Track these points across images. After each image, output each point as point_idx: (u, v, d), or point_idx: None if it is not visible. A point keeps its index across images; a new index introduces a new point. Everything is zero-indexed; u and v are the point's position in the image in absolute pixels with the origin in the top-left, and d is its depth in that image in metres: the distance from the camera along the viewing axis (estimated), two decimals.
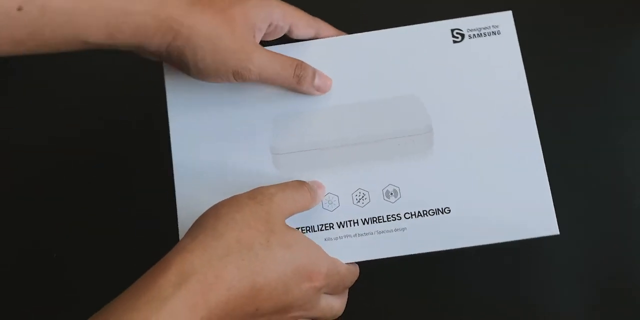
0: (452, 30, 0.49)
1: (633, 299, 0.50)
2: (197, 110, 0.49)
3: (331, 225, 0.46)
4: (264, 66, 0.45)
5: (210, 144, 0.49)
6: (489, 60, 0.48)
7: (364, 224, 0.46)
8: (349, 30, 0.51)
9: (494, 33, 0.49)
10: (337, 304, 0.44)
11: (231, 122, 0.49)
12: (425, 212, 0.46)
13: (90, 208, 0.54)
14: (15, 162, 0.56)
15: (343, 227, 0.46)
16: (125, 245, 0.53)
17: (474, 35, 0.49)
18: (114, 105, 0.57)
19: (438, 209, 0.46)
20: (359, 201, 0.47)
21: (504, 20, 0.49)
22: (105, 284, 0.46)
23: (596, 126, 0.53)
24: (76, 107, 0.57)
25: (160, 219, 0.48)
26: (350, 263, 0.45)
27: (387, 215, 0.46)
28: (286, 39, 0.50)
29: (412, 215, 0.46)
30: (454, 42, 0.49)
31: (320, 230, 0.46)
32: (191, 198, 0.48)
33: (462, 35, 0.49)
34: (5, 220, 0.55)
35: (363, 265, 0.46)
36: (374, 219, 0.46)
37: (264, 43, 0.48)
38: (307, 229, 0.47)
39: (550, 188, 0.46)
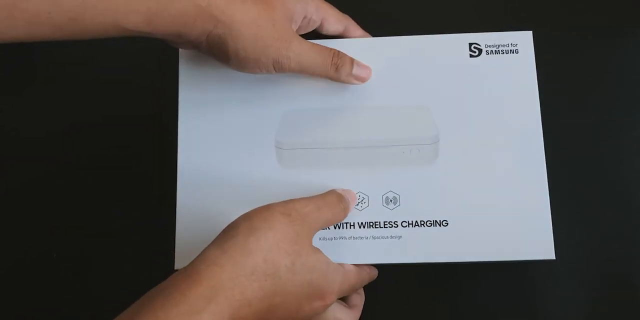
0: (470, 44, 0.49)
1: (634, 300, 0.51)
2: (207, 105, 0.49)
3: None
4: (303, 55, 0.45)
5: (217, 137, 0.49)
6: (503, 78, 0.48)
7: (360, 227, 0.47)
8: (374, 33, 0.52)
9: (511, 51, 0.49)
10: (345, 317, 0.45)
11: (240, 117, 0.49)
12: (422, 223, 0.46)
13: (90, 208, 0.54)
14: (14, 162, 0.56)
15: (339, 228, 0.47)
16: (126, 246, 0.53)
17: (491, 51, 0.49)
18: (114, 106, 0.57)
19: (436, 221, 0.46)
20: (357, 204, 0.47)
21: (524, 39, 0.49)
22: (105, 284, 0.46)
23: (597, 126, 0.53)
24: (75, 108, 0.57)
25: (161, 219, 0.48)
26: (361, 265, 0.46)
27: (384, 222, 0.46)
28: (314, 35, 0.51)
29: (409, 224, 0.46)
30: (471, 56, 0.49)
31: None
32: (192, 192, 0.48)
33: (480, 50, 0.49)
34: (5, 220, 0.55)
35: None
36: (371, 223, 0.46)
37: None
38: None
39: (550, 188, 0.46)
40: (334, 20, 0.49)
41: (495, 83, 0.48)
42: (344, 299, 0.47)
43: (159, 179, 0.51)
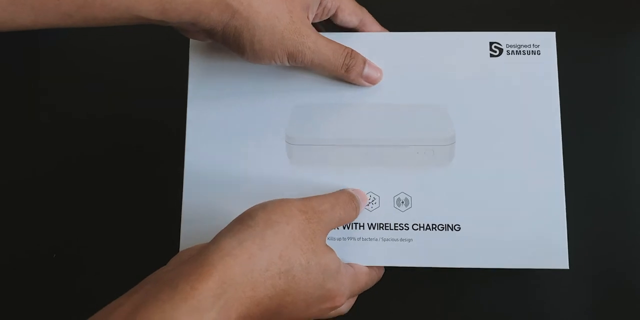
0: (491, 44, 0.48)
1: (634, 300, 0.50)
2: (216, 98, 0.48)
3: None
4: (317, 52, 0.44)
5: (226, 131, 0.47)
6: (523, 79, 0.47)
7: (370, 228, 0.45)
8: (393, 28, 0.50)
9: (533, 52, 0.47)
10: (342, 307, 0.44)
11: (250, 111, 0.48)
12: (434, 226, 0.45)
13: (93, 206, 0.54)
14: (15, 161, 0.55)
15: (348, 228, 0.46)
16: (126, 246, 0.53)
17: (512, 51, 0.48)
18: (119, 102, 0.56)
19: (448, 225, 0.45)
20: (368, 205, 0.46)
21: (546, 40, 0.48)
22: (107, 283, 0.45)
23: (597, 126, 0.53)
24: (79, 104, 0.56)
25: (166, 216, 0.48)
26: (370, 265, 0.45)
27: (395, 224, 0.45)
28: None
29: (420, 227, 0.45)
30: (491, 55, 0.48)
31: None
32: (199, 188, 0.47)
33: (500, 50, 0.48)
34: (6, 219, 0.54)
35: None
36: (381, 225, 0.45)
37: None
38: None
39: None
40: (349, 11, 0.48)
41: (515, 84, 0.47)
42: None
43: (165, 175, 0.50)
